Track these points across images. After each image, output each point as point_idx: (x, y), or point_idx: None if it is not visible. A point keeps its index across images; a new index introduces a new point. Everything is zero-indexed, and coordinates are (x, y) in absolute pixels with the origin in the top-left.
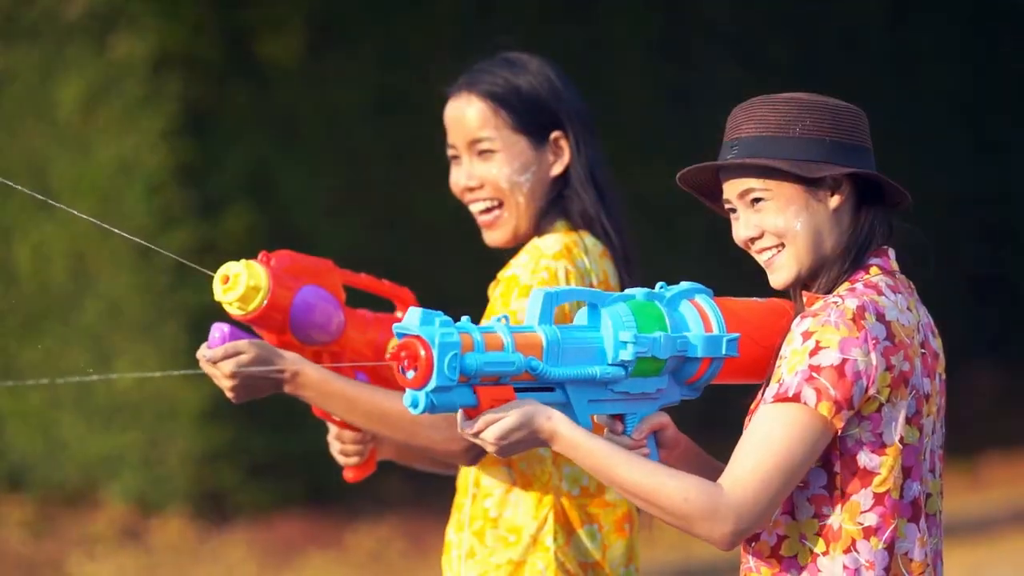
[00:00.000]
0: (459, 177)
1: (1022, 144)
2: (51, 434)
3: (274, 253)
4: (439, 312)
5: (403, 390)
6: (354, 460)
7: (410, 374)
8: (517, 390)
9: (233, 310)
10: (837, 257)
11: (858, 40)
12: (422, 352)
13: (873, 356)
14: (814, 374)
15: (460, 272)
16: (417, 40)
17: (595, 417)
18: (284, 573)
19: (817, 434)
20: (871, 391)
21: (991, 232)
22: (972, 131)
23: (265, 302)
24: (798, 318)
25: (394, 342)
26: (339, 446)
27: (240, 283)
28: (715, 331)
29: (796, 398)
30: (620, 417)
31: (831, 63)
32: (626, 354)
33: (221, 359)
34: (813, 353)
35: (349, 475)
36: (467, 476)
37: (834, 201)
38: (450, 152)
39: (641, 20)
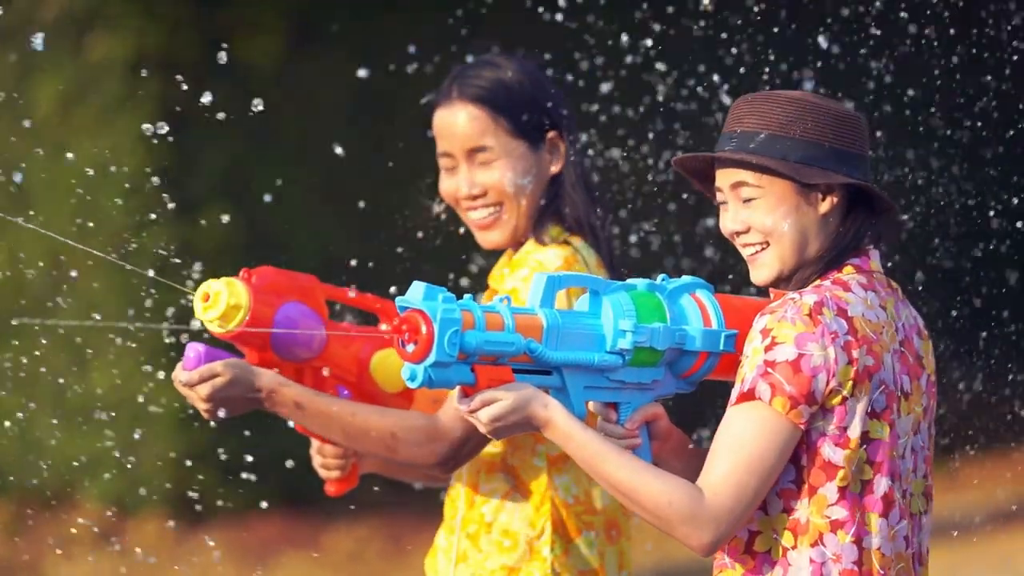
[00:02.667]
0: (458, 185)
1: (995, 145)
2: (28, 436)
3: (256, 270)
4: (442, 288)
5: (384, 405)
6: (335, 474)
7: (410, 347)
8: (515, 372)
9: (214, 328)
10: (817, 259)
11: (829, 37)
12: (423, 326)
13: (831, 350)
14: (769, 369)
15: (439, 274)
16: (396, 41)
17: (589, 404)
18: (261, 575)
19: (783, 432)
20: (832, 384)
21: (967, 234)
22: (948, 131)
23: (245, 320)
24: (758, 315)
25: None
26: (321, 460)
27: (220, 301)
28: (714, 326)
29: (751, 393)
30: (614, 406)
31: (801, 60)
32: (625, 342)
33: (197, 383)
34: (768, 349)
35: (331, 489)
36: (461, 481)
37: (824, 206)
38: (444, 161)
39: (618, 16)
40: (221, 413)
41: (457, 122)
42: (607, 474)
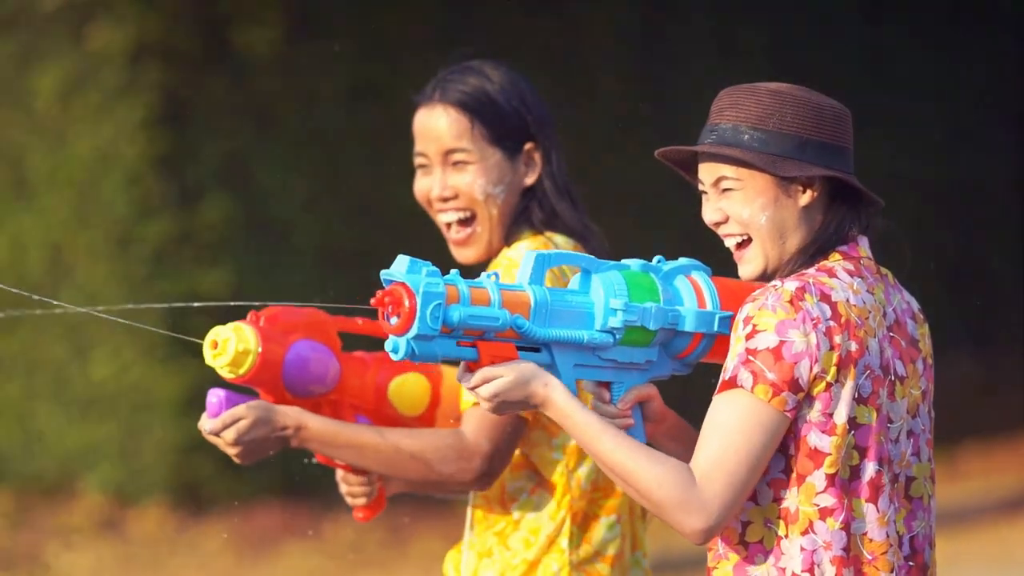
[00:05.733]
0: (431, 186)
1: (996, 133)
2: (28, 425)
3: (263, 311)
4: (427, 262)
5: (409, 426)
6: (362, 501)
7: (393, 320)
8: None
9: (225, 374)
10: (800, 250)
11: (834, 27)
12: (406, 300)
13: (813, 336)
14: (750, 357)
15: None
16: (394, 30)
17: (581, 383)
18: (261, 564)
19: (768, 419)
20: (815, 370)
21: (968, 222)
22: (946, 119)
23: (256, 364)
24: (743, 304)
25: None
26: (346, 488)
27: (229, 348)
28: (709, 308)
29: (733, 381)
30: (607, 385)
31: (807, 50)
32: (615, 321)
33: (221, 430)
34: (750, 337)
35: (359, 515)
36: None
37: (805, 198)
38: (419, 160)
39: (617, 8)
40: (251, 457)
41: (435, 124)
42: (603, 455)
